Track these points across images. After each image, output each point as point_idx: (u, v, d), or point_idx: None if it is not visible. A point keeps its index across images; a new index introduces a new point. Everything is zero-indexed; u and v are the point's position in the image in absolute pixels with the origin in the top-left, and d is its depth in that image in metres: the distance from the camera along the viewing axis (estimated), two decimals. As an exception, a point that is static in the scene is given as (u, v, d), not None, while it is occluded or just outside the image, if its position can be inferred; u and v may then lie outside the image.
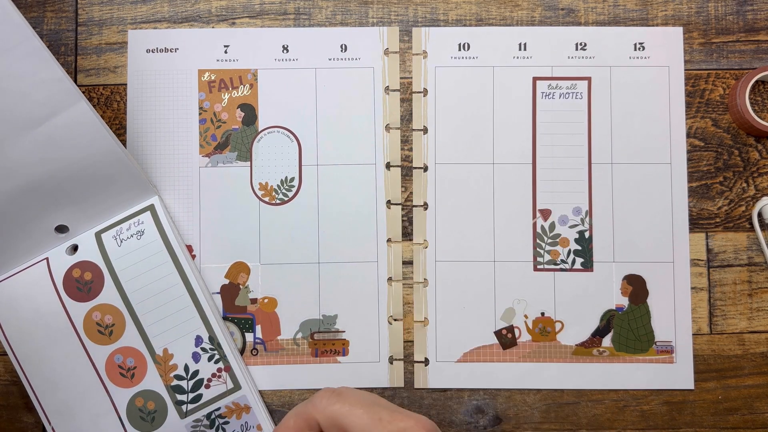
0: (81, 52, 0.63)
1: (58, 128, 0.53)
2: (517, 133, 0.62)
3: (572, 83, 0.63)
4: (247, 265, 0.62)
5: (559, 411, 0.61)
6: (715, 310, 0.61)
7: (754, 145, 0.62)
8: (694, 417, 0.60)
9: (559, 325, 0.61)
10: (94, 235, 0.59)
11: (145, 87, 0.63)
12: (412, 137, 0.62)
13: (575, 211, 0.62)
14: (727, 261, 0.61)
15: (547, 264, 0.62)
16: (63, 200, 0.57)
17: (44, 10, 0.63)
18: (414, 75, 0.63)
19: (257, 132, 0.62)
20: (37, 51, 0.49)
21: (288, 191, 0.62)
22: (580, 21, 0.63)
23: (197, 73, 0.63)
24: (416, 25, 0.63)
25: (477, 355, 0.61)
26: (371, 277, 0.61)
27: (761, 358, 0.61)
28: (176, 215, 0.62)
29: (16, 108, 0.51)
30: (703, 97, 0.62)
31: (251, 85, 0.63)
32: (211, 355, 0.59)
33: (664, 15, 0.63)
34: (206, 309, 0.59)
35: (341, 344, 0.61)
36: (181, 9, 0.63)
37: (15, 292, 0.59)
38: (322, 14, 0.63)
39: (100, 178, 0.57)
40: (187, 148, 0.62)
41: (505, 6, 0.63)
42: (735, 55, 0.63)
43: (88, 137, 0.54)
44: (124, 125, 0.62)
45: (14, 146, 0.53)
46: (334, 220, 0.62)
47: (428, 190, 0.62)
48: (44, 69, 0.50)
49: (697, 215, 0.62)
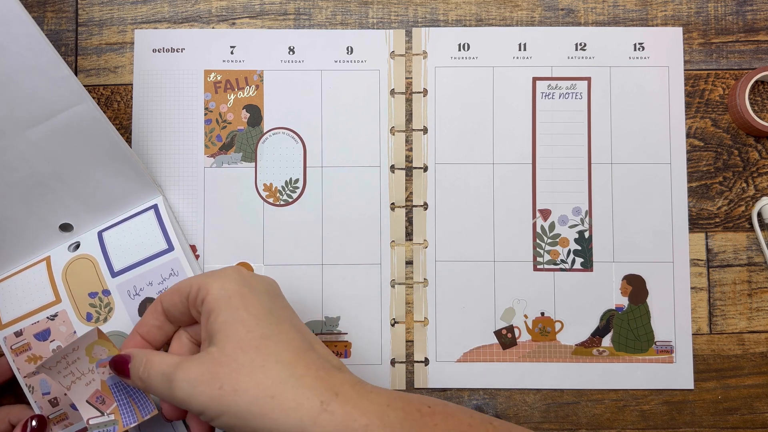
0: (81, 52, 0.63)
1: (64, 126, 0.53)
2: (517, 133, 0.62)
3: (572, 83, 0.63)
4: (250, 266, 0.61)
5: (559, 411, 0.61)
6: (715, 310, 0.61)
7: (754, 145, 0.62)
8: (694, 417, 0.60)
9: (559, 325, 0.61)
10: (97, 234, 0.59)
11: (150, 87, 0.62)
12: (413, 137, 0.62)
13: (575, 211, 0.62)
14: (726, 261, 0.62)
15: (547, 264, 0.62)
16: (67, 198, 0.57)
17: (44, 10, 0.63)
18: (414, 75, 0.63)
19: (262, 133, 0.62)
20: (42, 49, 0.49)
21: (292, 192, 0.62)
22: (579, 21, 0.63)
23: (203, 74, 0.63)
24: (416, 25, 0.63)
25: (477, 355, 0.61)
26: (374, 279, 0.61)
27: (761, 358, 0.61)
28: (180, 215, 0.62)
29: (21, 105, 0.51)
30: (702, 97, 0.62)
31: (257, 86, 0.62)
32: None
33: (664, 15, 0.63)
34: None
35: (343, 346, 0.61)
36: (182, 9, 0.63)
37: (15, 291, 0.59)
38: (322, 14, 0.63)
39: (104, 176, 0.57)
40: (192, 149, 0.62)
41: (505, 6, 0.63)
42: (735, 56, 0.63)
43: (94, 136, 0.54)
44: (124, 125, 0.62)
45: (20, 143, 0.53)
46: (338, 222, 0.62)
47: (428, 190, 0.62)
48: (50, 67, 0.50)
49: (696, 215, 0.62)
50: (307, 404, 0.41)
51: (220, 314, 0.44)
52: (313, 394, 0.41)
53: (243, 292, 0.45)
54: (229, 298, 0.44)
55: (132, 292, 0.58)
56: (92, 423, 0.49)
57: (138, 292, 0.58)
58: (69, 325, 0.58)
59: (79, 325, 0.58)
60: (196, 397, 0.42)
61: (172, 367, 0.44)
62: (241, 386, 0.41)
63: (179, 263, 0.58)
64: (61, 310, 0.58)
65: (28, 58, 0.49)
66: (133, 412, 0.50)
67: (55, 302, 0.58)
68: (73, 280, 0.58)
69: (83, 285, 0.58)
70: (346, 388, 0.42)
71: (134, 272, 0.58)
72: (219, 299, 0.44)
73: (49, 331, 0.58)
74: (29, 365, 0.58)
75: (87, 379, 0.49)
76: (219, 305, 0.44)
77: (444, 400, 0.60)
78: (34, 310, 0.58)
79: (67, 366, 0.48)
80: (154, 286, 0.58)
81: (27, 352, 0.58)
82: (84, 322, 0.58)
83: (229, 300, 0.44)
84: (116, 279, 0.58)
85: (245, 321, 0.43)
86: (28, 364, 0.58)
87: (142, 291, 0.58)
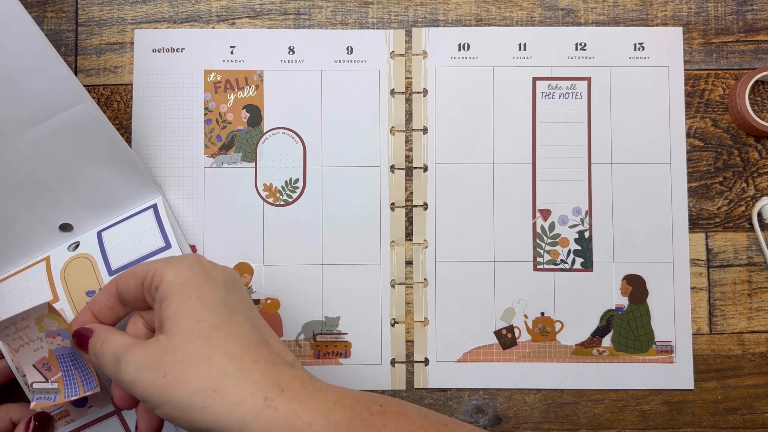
0: (81, 52, 0.63)
1: (64, 126, 0.53)
2: (517, 133, 0.62)
3: (572, 83, 0.63)
4: (250, 266, 0.61)
5: (559, 411, 0.61)
6: (715, 310, 0.61)
7: (754, 145, 0.62)
8: (694, 417, 0.60)
9: (559, 325, 0.61)
10: (97, 234, 0.59)
11: (150, 87, 0.62)
12: (413, 137, 0.62)
13: (575, 211, 0.62)
14: (726, 261, 0.62)
15: (547, 264, 0.62)
16: (67, 198, 0.57)
17: (44, 10, 0.63)
18: (414, 75, 0.63)
19: (262, 133, 0.62)
20: (42, 49, 0.49)
21: (292, 192, 0.62)
22: (579, 21, 0.63)
23: (203, 74, 0.63)
24: (416, 25, 0.63)
25: (477, 355, 0.61)
26: (374, 279, 0.61)
27: (761, 358, 0.61)
28: (180, 215, 0.62)
29: (21, 105, 0.51)
30: (702, 97, 0.62)
31: (257, 86, 0.62)
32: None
33: (664, 15, 0.63)
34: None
35: (343, 346, 0.61)
36: (182, 9, 0.63)
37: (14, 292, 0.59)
38: (322, 14, 0.63)
39: (104, 176, 0.57)
40: (192, 148, 0.62)
41: (505, 6, 0.63)
42: (735, 56, 0.63)
43: (94, 136, 0.54)
44: (124, 125, 0.62)
45: (19, 143, 0.53)
46: (338, 222, 0.62)
47: (428, 190, 0.62)
48: (50, 67, 0.50)
49: (696, 215, 0.62)
50: (250, 399, 0.39)
51: (172, 302, 0.43)
52: (257, 390, 0.40)
53: (198, 281, 0.44)
54: (183, 286, 0.43)
55: None
56: (35, 387, 0.49)
57: None
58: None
59: None
60: (141, 383, 0.41)
61: (122, 348, 0.43)
62: (184, 376, 0.40)
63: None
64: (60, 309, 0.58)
65: (28, 58, 0.49)
66: (76, 385, 0.49)
67: (53, 301, 0.58)
68: (71, 278, 0.58)
69: (81, 283, 0.58)
70: (295, 384, 0.41)
71: None
72: (173, 286, 0.43)
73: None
74: None
75: (35, 345, 0.48)
76: (172, 292, 0.43)
77: (444, 400, 0.60)
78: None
79: (16, 331, 0.48)
80: None
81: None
82: None
83: (183, 288, 0.43)
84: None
85: (196, 310, 0.42)
86: None
87: None
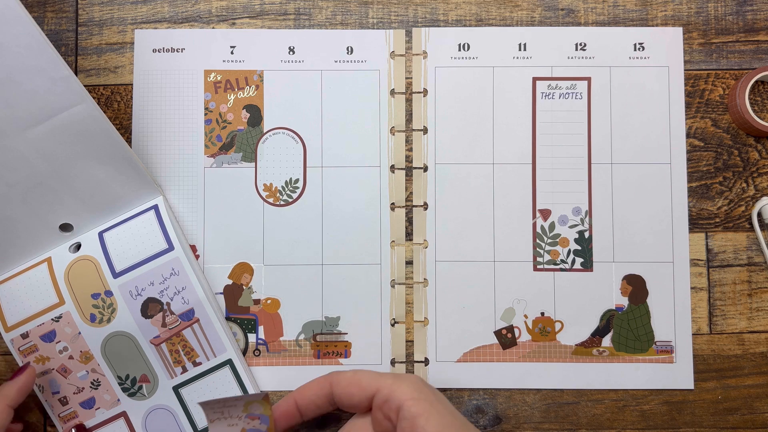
0: (81, 52, 0.63)
1: (64, 126, 0.53)
2: (517, 133, 0.62)
3: (572, 83, 0.63)
4: (250, 266, 0.61)
5: (559, 411, 0.61)
6: (715, 310, 0.61)
7: (754, 145, 0.62)
8: (694, 417, 0.60)
9: (559, 325, 0.61)
10: (98, 235, 0.59)
11: (150, 87, 0.62)
12: (413, 137, 0.62)
13: (575, 211, 0.62)
14: (726, 261, 0.62)
15: (547, 264, 0.62)
16: (67, 198, 0.57)
17: (44, 10, 0.63)
18: (414, 75, 0.63)
19: (262, 133, 0.62)
20: (42, 49, 0.49)
21: (292, 192, 0.62)
22: (579, 21, 0.63)
23: (203, 74, 0.63)
24: (416, 25, 0.63)
25: (477, 355, 0.61)
26: (374, 279, 0.61)
27: (761, 358, 0.61)
28: (180, 215, 0.62)
29: (22, 105, 0.51)
30: (702, 97, 0.62)
31: (257, 86, 0.62)
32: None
33: (664, 15, 0.63)
34: (209, 309, 0.59)
35: (343, 346, 0.61)
36: (182, 9, 0.63)
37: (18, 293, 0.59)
38: (322, 14, 0.63)
39: (104, 176, 0.57)
40: (192, 149, 0.62)
41: (505, 6, 0.63)
42: (735, 56, 0.63)
43: (94, 136, 0.54)
44: (124, 125, 0.62)
45: (20, 143, 0.53)
46: (338, 221, 0.62)
47: (428, 190, 0.62)
48: (50, 67, 0.50)
49: (696, 215, 0.62)
50: None
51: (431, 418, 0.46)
52: None
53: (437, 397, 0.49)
54: (431, 403, 0.47)
55: (134, 293, 0.58)
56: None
57: (140, 292, 0.58)
58: (74, 326, 0.58)
59: (84, 326, 0.58)
60: None
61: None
62: None
63: (180, 263, 0.58)
64: (65, 312, 0.58)
65: (28, 58, 0.49)
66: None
67: (58, 304, 0.58)
68: (76, 281, 0.58)
69: (86, 286, 0.58)
70: None
71: (135, 272, 0.58)
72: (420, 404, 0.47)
73: (54, 332, 0.58)
74: (38, 366, 0.58)
75: (232, 421, 0.50)
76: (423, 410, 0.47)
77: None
78: (38, 312, 0.58)
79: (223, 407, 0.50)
80: (155, 286, 0.58)
81: (34, 353, 0.58)
82: (88, 323, 0.58)
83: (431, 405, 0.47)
84: (118, 279, 0.58)
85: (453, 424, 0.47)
86: (37, 365, 0.58)
87: (143, 291, 0.58)
